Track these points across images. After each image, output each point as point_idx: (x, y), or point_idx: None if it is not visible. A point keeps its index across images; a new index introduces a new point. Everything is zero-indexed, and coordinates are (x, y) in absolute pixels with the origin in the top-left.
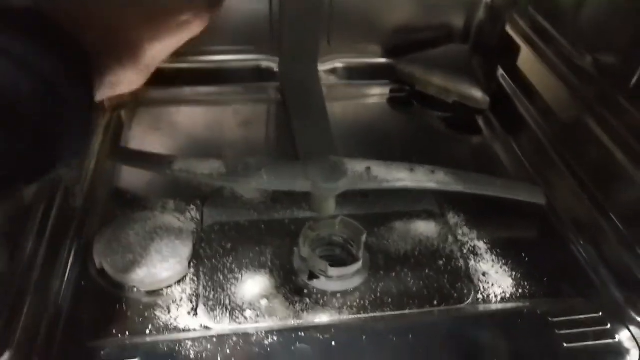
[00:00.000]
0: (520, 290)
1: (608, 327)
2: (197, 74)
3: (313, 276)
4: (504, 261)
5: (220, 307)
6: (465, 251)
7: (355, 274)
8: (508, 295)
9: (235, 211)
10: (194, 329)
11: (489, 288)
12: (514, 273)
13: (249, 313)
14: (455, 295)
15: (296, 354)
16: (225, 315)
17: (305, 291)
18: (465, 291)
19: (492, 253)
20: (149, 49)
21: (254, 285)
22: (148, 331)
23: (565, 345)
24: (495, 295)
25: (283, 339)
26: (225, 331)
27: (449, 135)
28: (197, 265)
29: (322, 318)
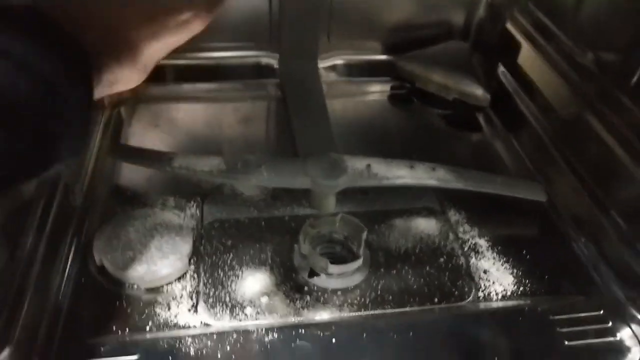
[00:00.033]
0: (521, 288)
1: (609, 325)
2: (197, 70)
3: (313, 273)
4: (504, 259)
5: (220, 304)
6: (466, 249)
7: (355, 271)
8: (509, 293)
9: (235, 208)
10: (194, 326)
11: (489, 286)
12: (515, 270)
13: (249, 310)
14: (456, 292)
15: (296, 351)
16: (226, 312)
17: (306, 288)
18: (466, 289)
19: (493, 250)
20: (148, 48)
21: (254, 282)
22: (148, 328)
23: (566, 343)
24: (496, 293)
25: (283, 336)
26: (226, 328)
27: (449, 133)
28: (197, 262)
29: (323, 315)
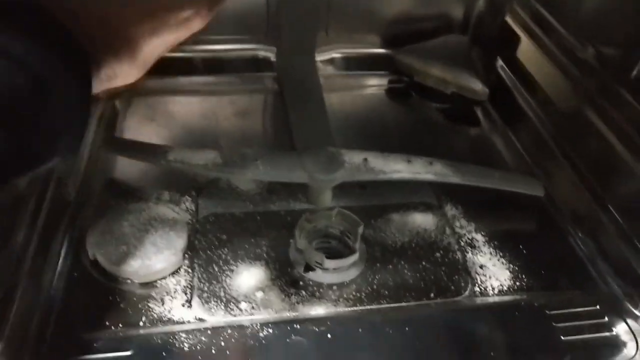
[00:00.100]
0: (518, 283)
1: (605, 320)
2: (193, 63)
3: (309, 268)
4: (501, 254)
5: (215, 299)
6: (462, 243)
7: (351, 266)
8: (505, 288)
9: (230, 202)
10: (188, 321)
11: (486, 280)
12: (512, 265)
13: (244, 305)
14: (452, 287)
15: (291, 347)
16: (220, 307)
17: (301, 283)
18: (462, 284)
19: (490, 245)
20: (147, 45)
21: (249, 277)
22: (142, 323)
23: (562, 337)
24: (493, 288)
25: (278, 331)
26: (220, 323)
27: (447, 127)
28: (192, 257)
29: (318, 310)
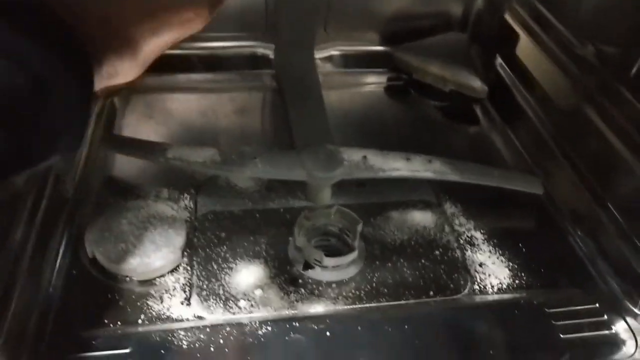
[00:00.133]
0: (517, 281)
1: (605, 319)
2: (192, 60)
3: (308, 266)
4: (500, 252)
5: (214, 297)
6: (461, 241)
7: (350, 263)
8: (505, 286)
9: (229, 200)
10: (187, 319)
11: (485, 279)
12: (511, 264)
13: (243, 303)
14: (451, 285)
15: (290, 344)
16: (219, 305)
17: (300, 281)
18: (461, 282)
19: (489, 243)
20: (148, 44)
21: (248, 275)
22: (140, 321)
23: (561, 336)
24: (492, 286)
25: (277, 329)
26: (219, 321)
27: (446, 125)
28: (191, 255)
29: (317, 308)
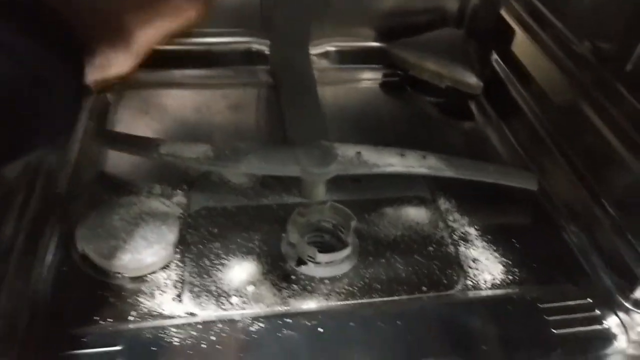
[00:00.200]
0: (510, 277)
1: (597, 314)
2: (187, 56)
3: (301, 262)
4: (494, 247)
5: (206, 294)
6: (455, 237)
7: (344, 260)
8: (498, 282)
9: (223, 196)
10: (179, 316)
11: (479, 274)
12: (505, 259)
13: (235, 299)
14: (444, 281)
15: (282, 341)
16: (211, 301)
17: (293, 277)
18: (455, 277)
19: (483, 239)
20: (142, 34)
21: (240, 271)
22: (131, 318)
23: (554, 331)
24: (485, 282)
25: (269, 325)
26: (211, 317)
27: (441, 121)
28: (183, 251)
29: (310, 304)
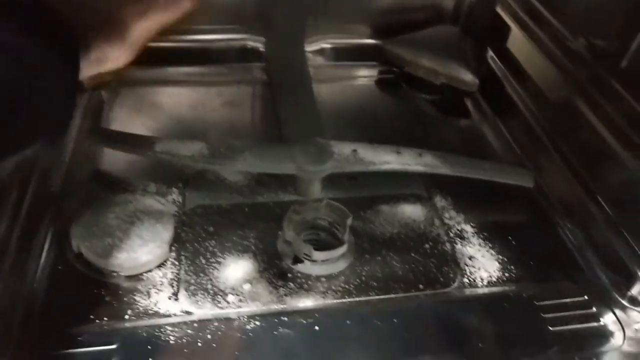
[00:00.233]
0: (507, 274)
1: (593, 311)
2: (182, 53)
3: (297, 260)
4: (490, 245)
5: (202, 292)
6: (451, 235)
7: (340, 257)
8: (494, 279)
9: (218, 194)
10: (175, 314)
11: (475, 272)
12: (501, 257)
13: (231, 298)
14: (441, 279)
15: (278, 339)
16: (207, 300)
17: (289, 275)
18: (451, 275)
19: (479, 237)
20: (137, 27)
21: (236, 269)
22: (127, 316)
23: (550, 328)
24: (482, 279)
25: (265, 323)
26: (207, 316)
27: (437, 118)
28: (179, 249)
29: (306, 302)
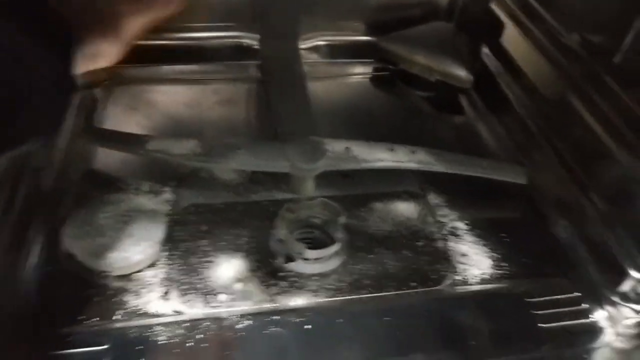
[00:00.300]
0: (499, 271)
1: (585, 307)
2: (176, 51)
3: (290, 259)
4: (483, 242)
5: (193, 291)
6: (445, 232)
7: (333, 256)
8: (487, 277)
9: (211, 193)
10: (165, 314)
11: (467, 269)
12: (493, 254)
13: (223, 297)
14: (433, 277)
15: (269, 338)
16: (199, 299)
17: (282, 274)
18: (443, 273)
19: (472, 234)
20: (130, 22)
21: (229, 268)
22: (118, 317)
23: (541, 325)
24: (474, 277)
25: (257, 322)
26: (198, 315)
27: (432, 115)
28: (171, 249)
29: (298, 301)
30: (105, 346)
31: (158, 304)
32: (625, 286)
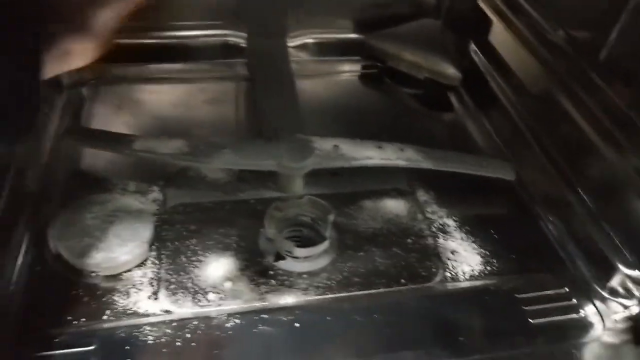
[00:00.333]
0: (489, 268)
1: (574, 302)
2: (162, 50)
3: (279, 257)
4: (473, 239)
5: (182, 291)
6: (434, 229)
7: (322, 254)
8: (476, 273)
9: (199, 192)
10: (154, 314)
11: (457, 266)
12: (483, 250)
13: (212, 296)
14: (423, 273)
15: (258, 336)
16: (187, 298)
17: (271, 272)
18: (433, 269)
19: (462, 230)
20: (98, 17)
21: (217, 267)
22: (106, 317)
23: (531, 320)
24: (464, 273)
25: (246, 321)
26: (187, 315)
27: (420, 112)
28: (159, 248)
29: (287, 299)
30: (93, 346)
31: (147, 303)
32: (614, 281)
